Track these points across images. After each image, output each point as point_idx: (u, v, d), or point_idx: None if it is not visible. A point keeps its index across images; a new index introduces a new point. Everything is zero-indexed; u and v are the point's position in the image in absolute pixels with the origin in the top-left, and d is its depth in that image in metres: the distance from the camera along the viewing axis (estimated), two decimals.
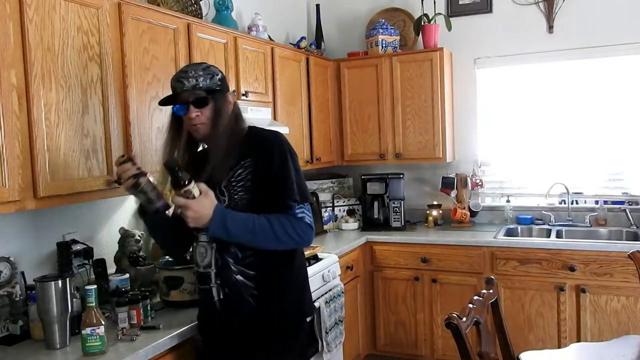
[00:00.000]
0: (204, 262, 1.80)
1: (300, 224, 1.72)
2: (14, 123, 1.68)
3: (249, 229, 1.67)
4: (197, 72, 1.71)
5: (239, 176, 1.75)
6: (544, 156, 3.79)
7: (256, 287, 1.75)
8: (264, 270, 1.76)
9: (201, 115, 1.71)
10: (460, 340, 1.64)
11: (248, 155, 1.75)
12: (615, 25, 3.51)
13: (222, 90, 1.76)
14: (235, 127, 1.77)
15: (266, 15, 3.41)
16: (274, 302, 1.78)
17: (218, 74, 1.76)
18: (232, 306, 1.78)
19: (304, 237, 1.74)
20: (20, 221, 2.09)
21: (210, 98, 1.71)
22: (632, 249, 2.51)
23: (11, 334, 1.90)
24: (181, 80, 1.70)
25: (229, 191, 1.75)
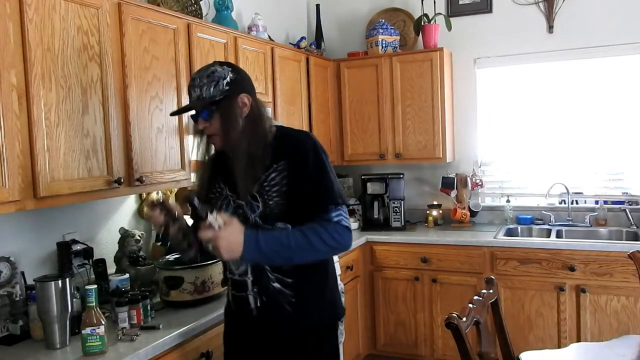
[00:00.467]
0: (240, 270, 1.73)
1: (337, 228, 1.63)
2: (14, 123, 1.68)
3: (285, 246, 1.58)
4: (202, 80, 1.63)
5: (272, 180, 1.66)
6: (544, 156, 3.80)
7: (294, 295, 1.70)
8: (301, 276, 1.70)
9: (211, 125, 1.65)
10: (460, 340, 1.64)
11: (281, 158, 1.66)
12: (615, 25, 3.51)
13: (230, 96, 1.64)
14: (255, 131, 1.66)
15: (266, 15, 3.41)
16: (311, 308, 1.73)
17: (225, 77, 1.64)
18: (269, 314, 1.72)
19: (342, 242, 1.64)
20: (20, 221, 2.09)
21: (215, 109, 1.63)
22: (632, 249, 2.51)
23: (11, 334, 1.90)
24: (190, 91, 1.66)
25: (263, 197, 1.66)
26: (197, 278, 2.18)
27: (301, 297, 1.71)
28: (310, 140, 1.70)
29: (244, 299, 1.74)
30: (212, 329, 2.08)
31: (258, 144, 1.66)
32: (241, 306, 1.76)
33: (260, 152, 1.65)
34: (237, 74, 1.68)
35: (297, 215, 1.65)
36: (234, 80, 1.66)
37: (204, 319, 2.05)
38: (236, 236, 1.52)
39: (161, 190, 2.73)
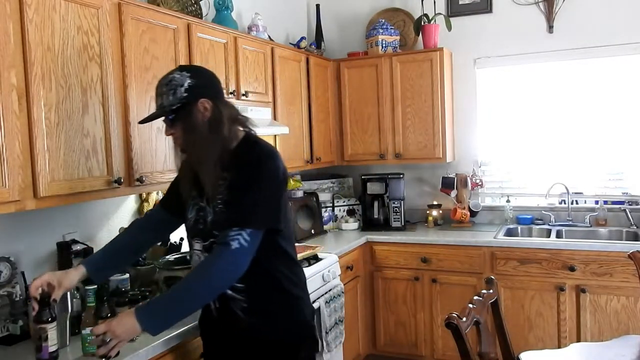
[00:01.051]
0: None
1: (217, 250, 1.59)
2: (14, 123, 1.68)
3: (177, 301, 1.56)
4: (162, 88, 1.65)
5: (219, 188, 1.67)
6: (544, 156, 3.80)
7: (246, 301, 1.69)
8: (254, 283, 1.67)
9: (175, 132, 1.68)
10: (460, 340, 1.64)
11: (230, 168, 1.66)
12: (615, 25, 3.51)
13: (189, 104, 1.64)
14: (214, 136, 1.66)
15: (266, 15, 3.41)
16: (265, 317, 1.71)
17: (183, 84, 1.63)
18: (226, 318, 1.74)
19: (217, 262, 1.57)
20: (20, 221, 2.09)
21: (175, 117, 1.66)
22: (632, 249, 2.51)
23: (11, 334, 1.90)
24: (155, 98, 1.69)
25: (213, 204, 1.70)
26: None
27: (254, 304, 1.70)
28: (255, 158, 1.66)
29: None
30: None
31: (216, 148, 1.66)
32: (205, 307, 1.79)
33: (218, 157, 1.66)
34: (196, 79, 1.66)
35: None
36: (192, 86, 1.65)
37: None
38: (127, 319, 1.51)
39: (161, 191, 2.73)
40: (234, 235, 1.57)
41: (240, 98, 2.83)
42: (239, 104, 2.81)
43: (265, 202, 1.64)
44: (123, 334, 1.51)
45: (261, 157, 1.67)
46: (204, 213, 1.73)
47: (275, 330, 1.73)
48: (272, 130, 3.03)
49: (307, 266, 2.83)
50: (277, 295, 1.74)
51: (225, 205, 1.65)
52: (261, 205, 1.63)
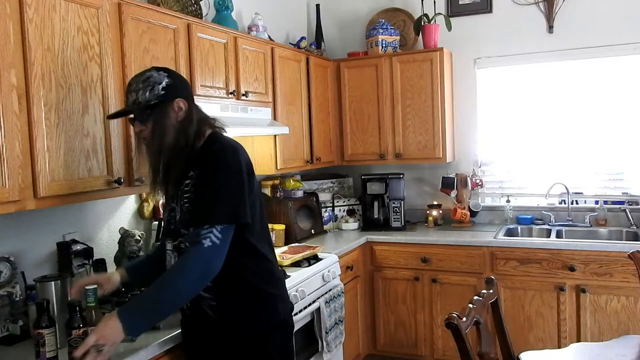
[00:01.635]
0: None
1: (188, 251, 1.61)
2: (14, 123, 1.68)
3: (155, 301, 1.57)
4: (137, 84, 1.66)
5: (186, 187, 1.69)
6: (544, 156, 3.80)
7: (214, 299, 1.70)
8: (222, 281, 1.67)
9: (145, 129, 1.68)
10: (460, 340, 1.64)
11: (196, 167, 1.67)
12: (615, 25, 3.51)
13: (165, 101, 1.67)
14: (181, 138, 1.68)
15: (266, 15, 3.41)
16: (235, 313, 1.72)
17: (161, 82, 1.66)
18: (195, 316, 1.76)
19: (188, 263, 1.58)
20: (20, 221, 2.09)
21: (149, 113, 1.66)
22: (632, 249, 2.51)
23: (11, 334, 1.90)
24: (127, 95, 1.69)
25: (178, 202, 1.71)
26: None
27: (222, 302, 1.70)
28: (220, 155, 1.66)
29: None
30: None
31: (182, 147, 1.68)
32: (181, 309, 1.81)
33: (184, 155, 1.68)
34: (172, 79, 1.70)
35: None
36: (169, 85, 1.68)
37: None
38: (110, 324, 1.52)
39: None
40: (205, 234, 1.59)
41: (240, 98, 2.83)
42: (239, 104, 2.81)
43: (231, 196, 1.63)
44: (113, 338, 1.52)
45: (220, 152, 1.67)
46: (174, 213, 1.74)
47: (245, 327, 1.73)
48: (272, 130, 3.03)
49: (307, 266, 2.83)
50: (245, 293, 1.73)
51: (191, 203, 1.66)
52: (227, 200, 1.62)
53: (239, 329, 1.73)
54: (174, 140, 1.68)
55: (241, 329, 1.73)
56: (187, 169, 1.69)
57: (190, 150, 1.69)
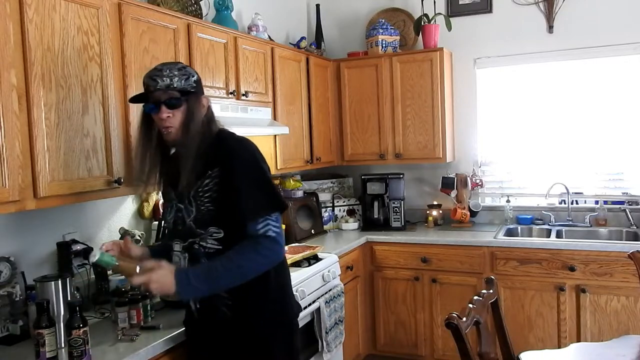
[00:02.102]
0: None
1: (264, 243, 1.63)
2: (14, 123, 1.68)
3: (216, 278, 1.60)
4: (172, 71, 1.64)
5: (206, 186, 1.68)
6: (544, 156, 3.79)
7: (230, 297, 1.70)
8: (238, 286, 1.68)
9: (172, 117, 1.65)
10: (460, 340, 1.64)
11: (215, 164, 1.67)
12: (615, 25, 3.51)
13: (197, 93, 1.69)
14: (207, 133, 1.70)
15: (266, 15, 3.41)
16: (250, 312, 1.72)
17: (194, 75, 1.70)
18: (208, 316, 1.75)
19: (270, 255, 1.64)
20: (20, 221, 2.09)
21: (184, 100, 1.65)
22: (632, 249, 2.51)
23: (11, 334, 1.90)
24: (155, 79, 1.63)
25: (197, 201, 1.69)
26: None
27: (238, 300, 1.71)
28: (241, 150, 1.69)
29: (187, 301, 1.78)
30: None
31: (206, 144, 1.68)
32: (187, 309, 1.83)
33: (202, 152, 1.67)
34: (199, 76, 1.73)
35: (227, 222, 1.67)
36: (198, 81, 1.72)
37: None
38: (167, 278, 1.56)
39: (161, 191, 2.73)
40: (264, 226, 1.63)
41: (240, 98, 2.83)
42: (239, 104, 2.81)
43: (270, 186, 1.70)
44: (158, 289, 1.56)
45: (242, 147, 1.70)
46: (182, 214, 1.73)
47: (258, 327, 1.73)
48: (272, 130, 3.03)
49: (307, 266, 2.83)
50: (261, 293, 1.74)
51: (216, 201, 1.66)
52: (268, 190, 1.68)
53: (252, 329, 1.73)
54: (200, 134, 1.67)
55: (254, 329, 1.73)
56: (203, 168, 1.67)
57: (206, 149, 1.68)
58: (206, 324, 1.77)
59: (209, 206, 1.67)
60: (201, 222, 1.69)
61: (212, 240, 1.70)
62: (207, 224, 1.68)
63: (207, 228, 1.68)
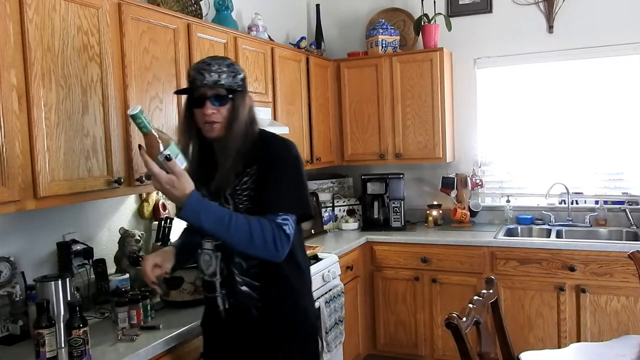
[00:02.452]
0: (209, 271, 1.74)
1: (279, 233, 1.59)
2: (14, 123, 1.68)
3: (224, 223, 1.54)
4: (221, 67, 1.62)
5: (244, 184, 1.66)
6: (544, 156, 3.80)
7: (261, 299, 1.69)
8: (269, 281, 1.69)
9: (217, 113, 1.62)
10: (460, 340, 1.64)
11: (254, 162, 1.66)
12: (615, 25, 3.51)
13: (243, 92, 1.67)
14: (249, 133, 1.67)
15: (266, 16, 3.41)
16: (280, 315, 1.71)
17: (241, 73, 1.68)
18: (237, 317, 1.72)
19: (278, 247, 1.59)
20: (20, 221, 2.09)
21: (230, 98, 1.63)
22: (632, 249, 2.51)
23: (11, 334, 1.90)
24: (202, 73, 1.60)
25: (234, 199, 1.67)
26: (197, 278, 2.17)
27: (270, 303, 1.70)
28: (284, 149, 1.69)
29: (213, 300, 1.75)
30: None
31: (248, 144, 1.66)
32: (212, 309, 1.77)
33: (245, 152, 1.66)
34: (245, 75, 1.71)
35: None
36: (244, 79, 1.70)
37: None
38: (183, 189, 1.51)
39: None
40: (283, 220, 1.60)
41: None
42: None
43: (302, 189, 1.69)
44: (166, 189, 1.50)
45: (285, 147, 1.70)
46: None
47: (285, 330, 1.72)
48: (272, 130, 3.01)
49: None
50: (291, 298, 1.73)
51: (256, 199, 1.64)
52: (299, 193, 1.67)
53: (278, 332, 1.71)
54: (243, 134, 1.65)
55: (280, 332, 1.71)
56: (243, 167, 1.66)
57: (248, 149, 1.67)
58: (233, 324, 1.73)
59: (247, 204, 1.66)
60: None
61: None
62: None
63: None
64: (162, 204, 2.74)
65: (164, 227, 2.57)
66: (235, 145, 1.63)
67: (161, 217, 2.63)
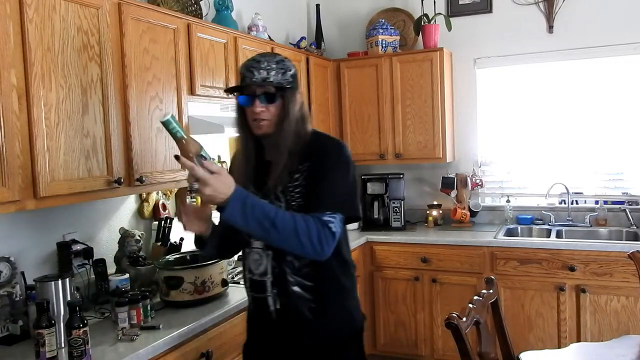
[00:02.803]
0: (259, 270, 1.69)
1: (325, 232, 1.55)
2: (14, 123, 1.68)
3: (269, 220, 1.49)
4: (270, 64, 1.60)
5: (296, 181, 1.64)
6: (544, 156, 3.80)
7: (314, 300, 1.66)
8: (322, 281, 1.66)
9: (266, 111, 1.61)
10: (460, 340, 1.64)
11: (306, 160, 1.64)
12: (615, 26, 3.51)
13: (293, 88, 1.65)
14: (301, 130, 1.66)
15: (266, 16, 3.41)
16: (332, 316, 1.68)
17: (291, 69, 1.65)
18: (289, 317, 1.68)
19: (324, 245, 1.55)
20: (20, 221, 2.09)
21: (279, 95, 1.62)
22: (632, 249, 2.51)
23: (11, 334, 1.90)
24: (252, 70, 1.59)
25: (286, 197, 1.65)
26: (197, 278, 2.18)
27: (322, 303, 1.67)
28: (337, 148, 1.68)
29: (263, 301, 1.70)
30: (212, 329, 2.08)
31: (300, 142, 1.65)
32: (261, 309, 1.72)
33: (298, 150, 1.64)
34: (296, 70, 1.69)
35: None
36: (295, 75, 1.67)
37: (204, 319, 2.05)
38: (226, 188, 1.46)
39: (161, 190, 2.73)
40: (330, 218, 1.57)
41: None
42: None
43: (353, 190, 1.68)
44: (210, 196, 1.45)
45: (338, 147, 1.69)
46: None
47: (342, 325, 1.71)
48: None
49: None
50: (343, 299, 1.73)
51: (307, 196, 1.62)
52: (349, 193, 1.66)
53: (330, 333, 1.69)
54: (294, 132, 1.64)
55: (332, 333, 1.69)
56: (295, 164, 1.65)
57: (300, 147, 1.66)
58: (283, 324, 1.70)
59: (299, 201, 1.63)
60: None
61: None
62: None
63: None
64: (162, 204, 2.74)
65: (163, 227, 2.57)
66: (287, 143, 1.62)
67: (161, 217, 2.63)
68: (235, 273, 2.66)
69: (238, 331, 2.25)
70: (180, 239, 2.61)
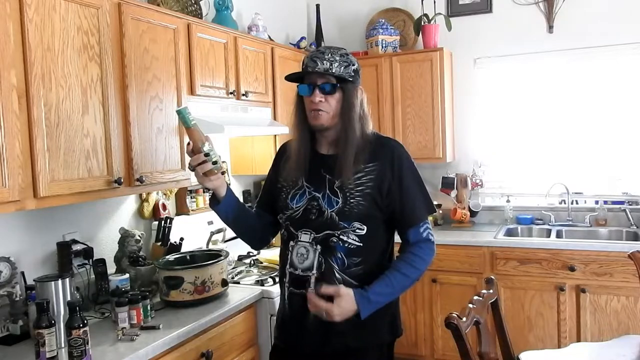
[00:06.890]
0: (304, 265, 1.64)
1: (428, 247, 1.68)
2: (14, 123, 1.68)
3: (391, 293, 1.63)
4: (334, 55, 1.61)
5: (357, 180, 1.63)
6: (544, 156, 3.79)
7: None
8: (368, 281, 1.62)
9: (325, 102, 1.62)
10: (460, 340, 1.64)
11: (373, 160, 1.64)
12: (615, 25, 3.51)
13: (354, 83, 1.65)
14: (364, 127, 1.68)
15: (266, 15, 3.41)
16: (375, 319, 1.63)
17: (354, 64, 1.66)
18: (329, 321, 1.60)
19: (430, 259, 1.68)
20: (20, 221, 2.09)
21: (340, 88, 1.62)
22: (632, 249, 2.51)
23: (11, 334, 1.90)
24: (315, 60, 1.61)
25: (345, 193, 1.63)
26: (197, 278, 2.18)
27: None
28: (404, 150, 1.73)
29: (303, 297, 1.62)
30: (212, 329, 2.08)
31: (364, 139, 1.66)
32: (298, 307, 1.66)
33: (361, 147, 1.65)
34: (359, 66, 1.70)
35: (372, 219, 1.64)
36: (357, 71, 1.68)
37: (204, 319, 2.05)
38: (349, 305, 1.56)
39: (161, 190, 2.73)
40: (425, 229, 1.68)
41: (240, 98, 2.82)
42: (238, 104, 2.81)
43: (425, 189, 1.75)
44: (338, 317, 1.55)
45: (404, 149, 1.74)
46: (319, 203, 1.65)
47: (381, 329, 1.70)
48: (272, 130, 3.02)
49: None
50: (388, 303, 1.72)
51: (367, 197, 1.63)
52: (427, 196, 1.74)
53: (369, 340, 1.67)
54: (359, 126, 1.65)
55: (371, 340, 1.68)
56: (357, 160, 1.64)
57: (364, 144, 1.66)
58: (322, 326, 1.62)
59: (359, 200, 1.62)
60: (346, 215, 1.62)
61: (354, 235, 1.63)
62: (352, 218, 1.61)
63: (351, 222, 1.62)
64: (162, 204, 2.74)
65: (163, 227, 2.57)
66: (356, 136, 1.64)
67: (161, 217, 2.63)
68: (235, 273, 2.66)
69: (238, 331, 2.25)
70: (180, 239, 2.61)
